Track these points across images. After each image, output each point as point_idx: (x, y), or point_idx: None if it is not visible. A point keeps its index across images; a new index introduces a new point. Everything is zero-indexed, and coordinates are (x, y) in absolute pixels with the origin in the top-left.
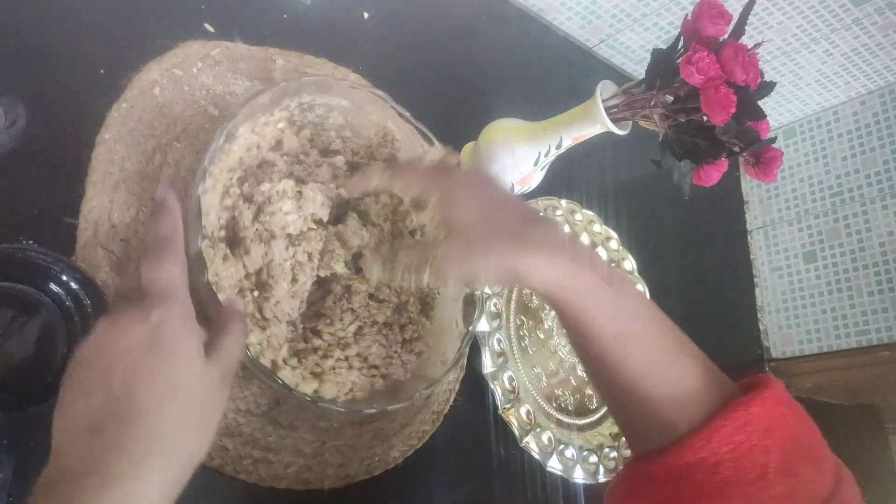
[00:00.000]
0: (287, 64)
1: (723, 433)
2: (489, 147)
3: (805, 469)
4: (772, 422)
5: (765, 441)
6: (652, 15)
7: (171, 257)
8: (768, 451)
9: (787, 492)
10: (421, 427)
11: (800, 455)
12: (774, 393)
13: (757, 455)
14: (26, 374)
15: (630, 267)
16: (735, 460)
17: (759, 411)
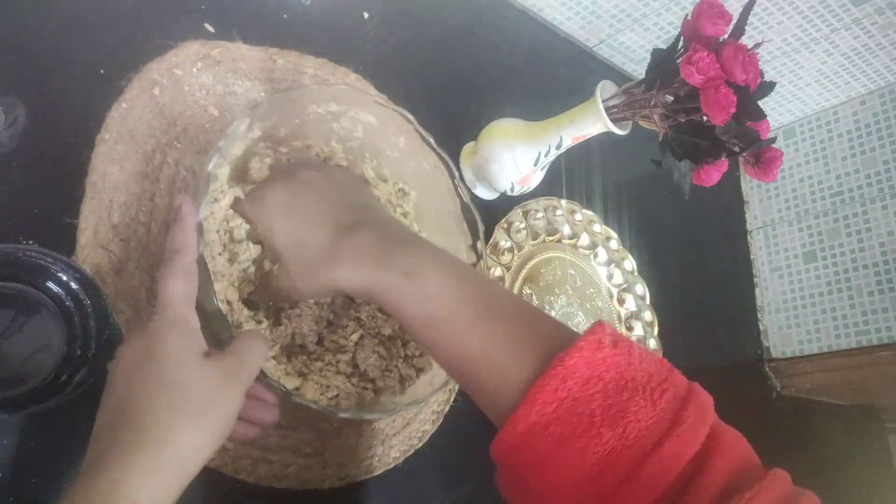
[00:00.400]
0: (287, 64)
1: (544, 394)
2: (489, 147)
3: (635, 407)
4: (591, 370)
5: (587, 390)
6: (652, 15)
7: (176, 270)
8: (591, 399)
9: (618, 436)
10: (421, 427)
11: (628, 395)
12: (595, 338)
13: (581, 406)
14: (26, 374)
15: (630, 267)
16: (561, 417)
17: (575, 362)
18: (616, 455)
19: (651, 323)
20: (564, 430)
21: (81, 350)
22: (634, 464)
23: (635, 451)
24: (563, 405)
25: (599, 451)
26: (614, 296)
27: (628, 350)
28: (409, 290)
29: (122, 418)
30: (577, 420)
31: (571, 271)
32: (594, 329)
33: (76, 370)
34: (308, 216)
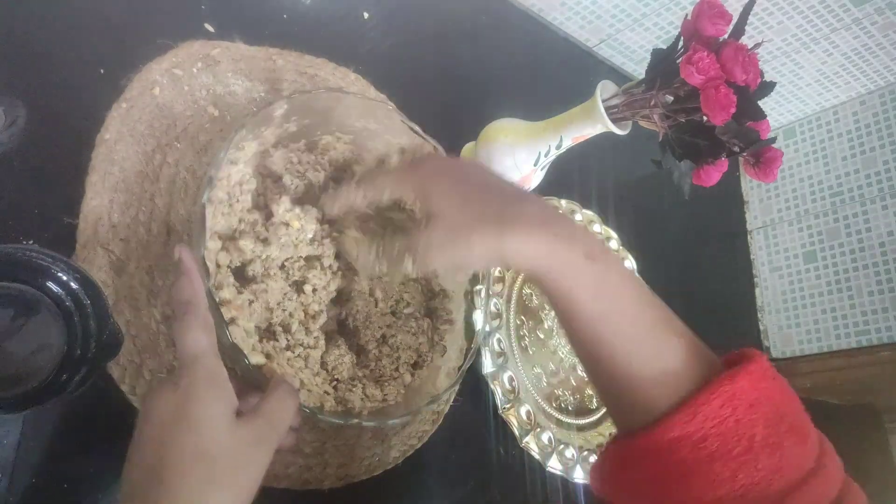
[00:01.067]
0: (287, 64)
1: (709, 408)
2: (489, 147)
3: (790, 442)
4: (757, 396)
5: (750, 415)
6: (652, 15)
7: (194, 322)
8: (754, 424)
9: (773, 465)
10: (421, 427)
11: (785, 429)
12: (759, 366)
13: (743, 429)
14: (26, 374)
15: (630, 267)
16: (721, 434)
17: (744, 385)
18: (766, 483)
19: None
20: (721, 448)
21: (81, 350)
22: (781, 495)
23: (784, 483)
24: (726, 423)
25: (752, 476)
26: None
27: (783, 385)
28: (590, 273)
29: (154, 487)
30: (737, 441)
31: None
32: (755, 357)
33: (76, 370)
34: (473, 184)
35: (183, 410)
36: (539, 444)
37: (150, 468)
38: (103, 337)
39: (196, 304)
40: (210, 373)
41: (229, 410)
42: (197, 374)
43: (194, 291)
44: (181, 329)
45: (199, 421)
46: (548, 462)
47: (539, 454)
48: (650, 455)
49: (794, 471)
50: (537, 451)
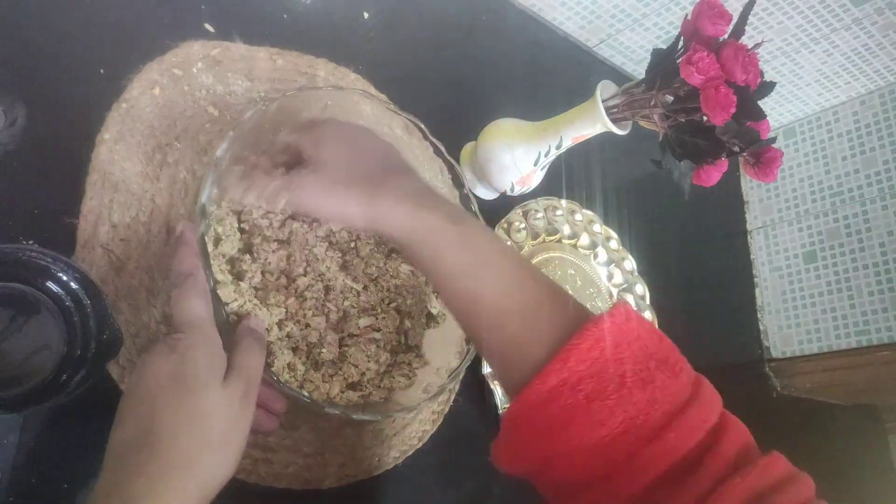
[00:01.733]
0: (287, 64)
1: (578, 352)
2: (489, 147)
3: (662, 376)
4: (622, 336)
5: (618, 354)
6: (652, 15)
7: (192, 290)
8: (622, 362)
9: (647, 398)
10: (421, 427)
11: (653, 365)
12: (622, 310)
13: (613, 367)
14: (26, 374)
15: (630, 267)
16: (593, 375)
17: (608, 326)
18: (644, 415)
19: (651, 323)
20: (595, 388)
21: (81, 350)
22: (660, 425)
23: (661, 415)
24: (596, 364)
25: (629, 410)
26: (614, 296)
27: (649, 327)
28: (453, 232)
29: (149, 444)
30: (609, 380)
31: (571, 271)
32: (622, 303)
33: (76, 370)
34: (361, 149)
35: (179, 372)
36: None
37: (142, 427)
38: (103, 337)
39: (195, 274)
40: (206, 337)
41: (220, 372)
42: (194, 337)
43: (193, 262)
44: (179, 296)
45: (193, 383)
46: None
47: None
48: (535, 408)
49: (669, 402)
50: None
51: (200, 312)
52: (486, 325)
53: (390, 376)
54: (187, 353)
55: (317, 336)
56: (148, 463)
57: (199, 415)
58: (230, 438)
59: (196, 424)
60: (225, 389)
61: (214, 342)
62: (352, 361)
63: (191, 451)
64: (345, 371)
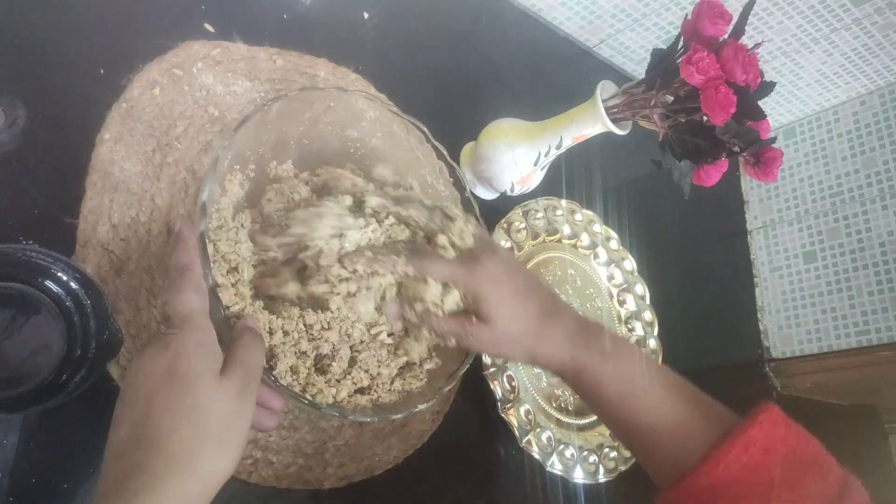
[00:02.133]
0: (287, 64)
1: (728, 457)
2: (489, 147)
3: (809, 480)
4: (770, 442)
5: (766, 459)
6: (652, 15)
7: (187, 285)
8: (771, 467)
9: (794, 498)
10: (421, 427)
11: (802, 468)
12: (769, 416)
13: (762, 472)
14: (26, 374)
15: (630, 267)
16: (743, 479)
17: (756, 433)
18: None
19: (651, 323)
20: (744, 491)
21: (81, 350)
22: None
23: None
24: (745, 469)
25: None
26: (614, 296)
27: (797, 430)
28: (607, 368)
29: (147, 442)
30: (758, 484)
31: (571, 271)
32: (769, 407)
33: (76, 370)
34: (519, 292)
35: (172, 367)
36: (539, 444)
37: (139, 426)
38: (103, 337)
39: (192, 269)
40: (200, 332)
41: (216, 366)
42: (187, 332)
43: (191, 258)
44: (174, 290)
45: (188, 376)
46: (548, 462)
47: (539, 454)
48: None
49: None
50: (537, 452)
51: (194, 306)
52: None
53: (402, 378)
54: (180, 347)
55: (329, 348)
56: (147, 461)
57: (196, 410)
58: (230, 433)
59: (193, 420)
60: (222, 384)
61: (208, 336)
62: (362, 367)
63: (189, 447)
64: (354, 376)
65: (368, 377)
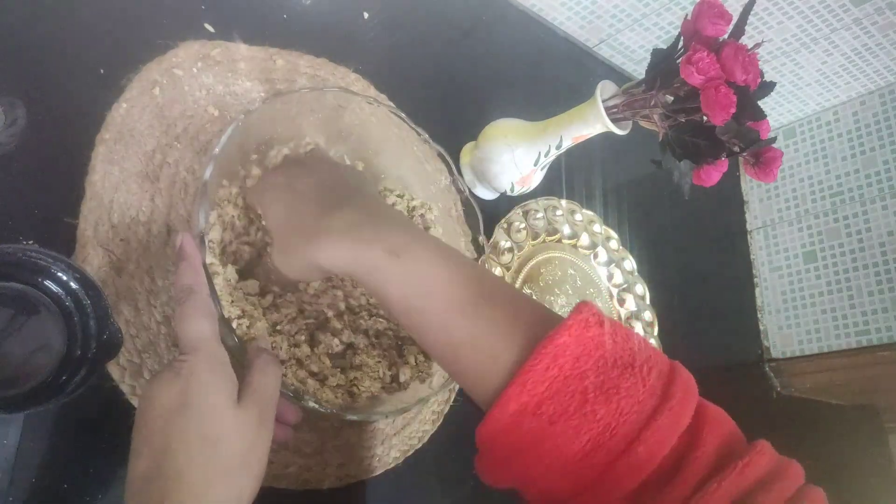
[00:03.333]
0: (287, 64)
1: (535, 373)
2: (489, 147)
3: (626, 383)
4: (582, 348)
5: (577, 368)
6: (652, 15)
7: (196, 308)
8: (583, 376)
9: (612, 411)
10: (421, 427)
11: (618, 372)
12: (582, 317)
13: (573, 384)
14: (26, 374)
15: (630, 267)
16: (553, 395)
17: (565, 340)
18: (610, 431)
19: (651, 323)
20: (557, 408)
21: (81, 350)
22: (629, 439)
23: (629, 427)
24: (555, 383)
25: (594, 427)
26: (614, 296)
27: (612, 328)
28: (394, 269)
29: (162, 475)
30: (570, 398)
31: (571, 271)
32: (580, 308)
33: (76, 370)
34: (298, 196)
35: (185, 397)
36: None
37: (156, 458)
38: (103, 337)
39: (197, 290)
40: (212, 358)
41: (232, 394)
42: (199, 359)
43: (196, 278)
44: (182, 315)
45: (202, 406)
46: None
47: None
48: (501, 434)
49: (637, 411)
50: None
51: (204, 331)
52: (440, 354)
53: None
54: (192, 376)
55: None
56: (164, 497)
57: (213, 441)
58: (248, 462)
59: (210, 451)
60: (239, 412)
61: (221, 362)
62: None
63: (206, 479)
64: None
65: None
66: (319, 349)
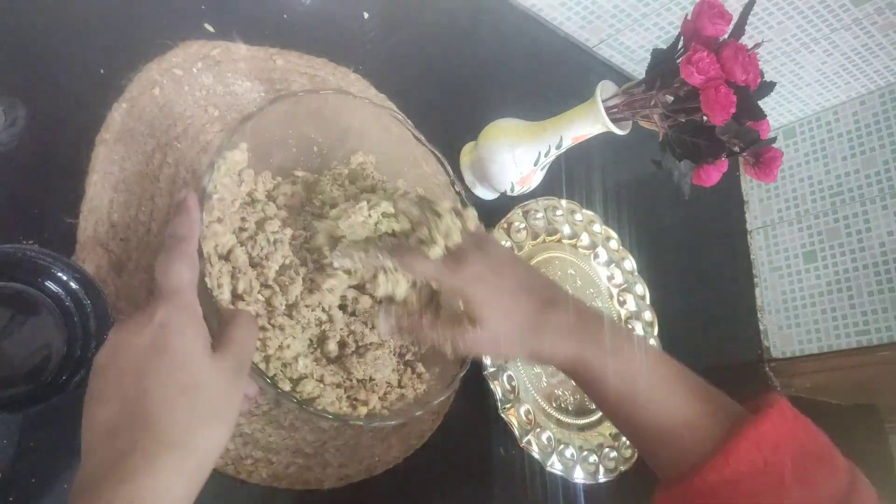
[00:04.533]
0: (287, 64)
1: (738, 453)
2: (489, 147)
3: (819, 475)
4: (780, 438)
5: (777, 456)
6: (652, 15)
7: (181, 257)
8: (782, 463)
9: (804, 496)
10: (421, 427)
11: (812, 463)
12: (779, 410)
13: (772, 468)
14: (26, 374)
15: (630, 267)
16: (753, 475)
17: (767, 429)
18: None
19: (651, 323)
20: (755, 488)
21: (81, 350)
22: None
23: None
24: (756, 465)
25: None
26: (614, 296)
27: (805, 423)
28: (609, 364)
29: (141, 421)
30: (769, 480)
31: (571, 271)
32: (778, 400)
33: (76, 370)
34: (511, 289)
35: (162, 343)
36: (539, 444)
37: (127, 404)
38: (103, 337)
39: (189, 240)
40: (189, 307)
41: (206, 342)
42: (174, 305)
43: (190, 229)
44: (166, 261)
45: (180, 354)
46: (548, 462)
47: (539, 454)
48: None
49: (827, 499)
50: (537, 451)
51: (183, 279)
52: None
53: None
54: (169, 321)
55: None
56: (143, 440)
57: (192, 388)
58: (223, 412)
59: (190, 398)
60: (217, 361)
61: (196, 311)
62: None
63: (186, 425)
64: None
65: (370, 382)
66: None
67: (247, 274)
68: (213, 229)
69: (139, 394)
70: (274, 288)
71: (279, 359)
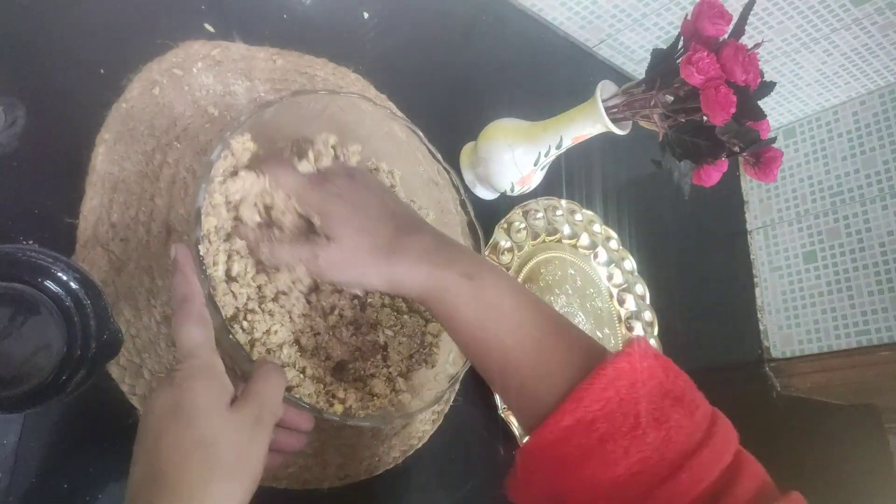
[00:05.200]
0: (287, 64)
1: (592, 392)
2: (489, 147)
3: (677, 415)
4: (638, 375)
5: (633, 393)
6: (652, 15)
7: (188, 318)
8: (638, 401)
9: (662, 438)
10: (421, 427)
11: (669, 403)
12: (638, 349)
13: (627, 407)
14: (26, 374)
15: (630, 267)
16: (608, 415)
17: (624, 367)
18: (658, 456)
19: (651, 323)
20: (610, 428)
21: (81, 350)
22: (675, 465)
23: (676, 454)
24: (610, 404)
25: (643, 450)
26: (614, 296)
27: (665, 363)
28: (468, 290)
29: (155, 478)
30: (623, 419)
31: (571, 271)
32: (636, 340)
33: (76, 370)
34: (371, 211)
35: (178, 403)
36: None
37: (149, 463)
38: (103, 337)
39: (191, 299)
40: (203, 364)
41: (224, 399)
42: (191, 366)
43: (190, 287)
44: (176, 323)
45: (192, 410)
46: None
47: None
48: (549, 447)
49: (684, 441)
50: None
51: (197, 339)
52: (499, 373)
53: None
54: (184, 383)
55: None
56: (157, 498)
57: (204, 444)
58: (241, 465)
59: (201, 454)
60: (232, 415)
61: (214, 368)
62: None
63: (198, 481)
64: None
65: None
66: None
67: (244, 258)
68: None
69: (156, 452)
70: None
71: (264, 343)
